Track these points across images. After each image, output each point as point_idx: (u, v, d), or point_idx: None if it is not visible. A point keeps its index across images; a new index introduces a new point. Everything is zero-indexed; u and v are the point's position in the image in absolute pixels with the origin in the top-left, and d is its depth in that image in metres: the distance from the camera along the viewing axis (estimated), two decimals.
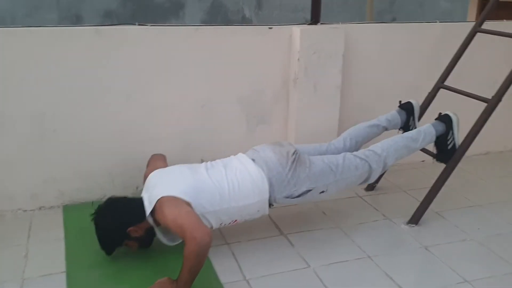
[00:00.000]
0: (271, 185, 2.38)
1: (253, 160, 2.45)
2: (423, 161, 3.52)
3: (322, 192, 2.49)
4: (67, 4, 7.95)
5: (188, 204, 2.22)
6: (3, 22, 7.01)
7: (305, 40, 3.02)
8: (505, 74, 2.75)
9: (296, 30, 3.04)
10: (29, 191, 2.85)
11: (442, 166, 2.79)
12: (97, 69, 2.78)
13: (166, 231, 2.36)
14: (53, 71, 2.71)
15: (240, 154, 2.53)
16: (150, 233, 2.34)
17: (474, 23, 3.09)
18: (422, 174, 3.46)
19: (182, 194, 2.24)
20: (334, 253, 2.51)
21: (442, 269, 2.41)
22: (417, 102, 2.94)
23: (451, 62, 3.05)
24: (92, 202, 2.38)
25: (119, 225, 2.28)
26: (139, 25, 2.87)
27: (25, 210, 2.86)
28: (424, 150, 2.89)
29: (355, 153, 2.60)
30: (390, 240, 2.68)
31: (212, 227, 2.33)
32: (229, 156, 2.57)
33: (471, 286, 2.27)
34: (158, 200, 2.22)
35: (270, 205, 2.45)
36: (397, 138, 2.71)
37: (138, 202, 2.32)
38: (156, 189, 2.30)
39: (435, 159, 2.83)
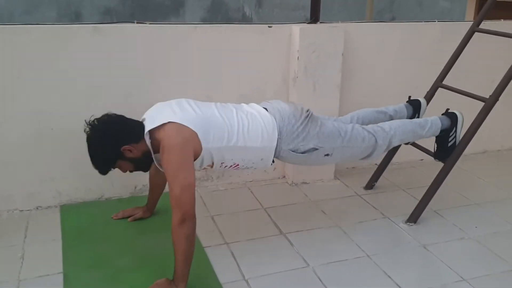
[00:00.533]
0: (280, 133, 2.34)
1: (266, 109, 2.42)
2: (421, 159, 3.52)
3: (327, 155, 2.45)
4: (66, 1, 7.94)
5: (195, 134, 2.16)
6: (0, 20, 6.99)
7: (305, 39, 3.02)
8: (503, 73, 2.75)
9: (296, 29, 3.04)
10: (26, 191, 2.84)
11: (440, 165, 2.80)
12: (95, 67, 2.78)
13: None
14: (51, 69, 2.71)
15: (252, 103, 2.49)
16: (147, 157, 2.25)
17: (472, 22, 3.09)
18: (421, 173, 3.46)
19: (191, 123, 2.16)
20: (333, 252, 2.51)
21: (440, 267, 2.41)
22: (425, 102, 2.95)
23: (449, 61, 3.05)
24: (86, 120, 2.25)
25: (113, 141, 2.19)
26: (137, 23, 2.86)
27: (22, 210, 2.85)
28: (422, 149, 2.90)
29: (363, 126, 2.59)
30: (389, 238, 2.68)
31: (212, 165, 2.28)
32: None
33: (469, 284, 2.27)
34: (165, 124, 2.15)
35: (272, 161, 2.41)
36: (406, 121, 2.73)
37: (136, 122, 2.25)
38: (164, 112, 2.21)
39: (433, 158, 2.83)
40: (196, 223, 2.09)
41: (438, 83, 3.05)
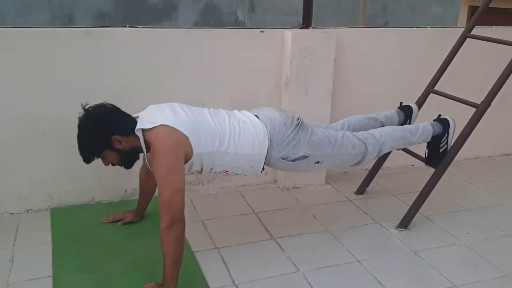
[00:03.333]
0: (271, 141, 2.35)
1: (257, 116, 2.43)
2: (413, 165, 3.53)
3: (317, 162, 2.46)
4: (59, 4, 7.93)
5: (186, 138, 2.15)
6: None
7: (297, 44, 3.02)
8: (495, 79, 2.76)
9: (288, 34, 3.04)
10: (17, 194, 2.83)
11: (431, 170, 2.80)
12: (87, 71, 2.77)
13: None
14: (43, 72, 2.69)
15: (244, 110, 2.49)
16: (134, 152, 2.26)
17: (464, 28, 3.11)
18: (412, 178, 3.47)
19: (182, 127, 2.16)
20: (323, 257, 2.51)
21: (431, 273, 2.41)
22: (417, 108, 2.96)
23: (441, 67, 3.07)
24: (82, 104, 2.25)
25: (104, 128, 2.19)
26: (129, 27, 2.86)
27: (12, 213, 2.83)
28: (414, 154, 2.90)
29: (354, 133, 2.60)
30: (380, 244, 2.68)
31: (202, 170, 2.28)
32: None
33: None
34: (157, 126, 2.15)
35: (263, 168, 2.41)
36: (397, 127, 2.73)
37: (130, 116, 2.27)
38: (156, 115, 2.22)
39: (425, 163, 2.84)
40: (185, 227, 2.09)
41: (430, 89, 3.06)
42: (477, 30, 3.11)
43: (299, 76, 3.08)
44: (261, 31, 3.06)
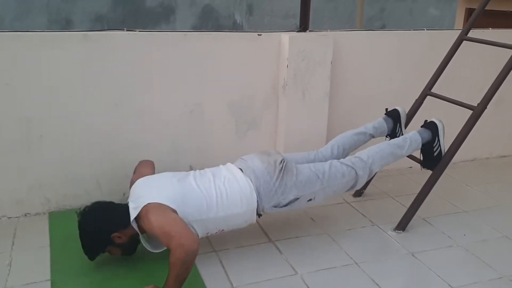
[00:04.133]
0: (259, 194, 2.39)
1: (241, 169, 2.45)
2: (410, 167, 3.53)
3: (310, 200, 2.50)
4: (57, 8, 7.92)
5: (174, 211, 2.21)
6: None
7: (294, 47, 3.03)
8: (491, 81, 2.77)
9: (285, 37, 3.05)
10: (14, 198, 2.82)
11: (429, 172, 2.81)
12: (85, 74, 2.77)
13: (151, 238, 2.36)
14: (40, 76, 2.70)
15: (228, 164, 2.54)
16: (134, 240, 2.33)
17: (461, 31, 3.12)
18: (410, 181, 3.47)
19: (168, 201, 2.23)
20: (321, 260, 2.51)
21: (429, 275, 2.42)
22: (403, 110, 2.96)
23: (438, 69, 3.08)
24: (77, 211, 2.35)
25: (103, 230, 2.26)
26: (127, 30, 2.86)
27: (10, 217, 2.83)
28: (410, 157, 2.91)
29: (341, 160, 2.61)
30: (377, 246, 2.68)
31: (198, 236, 2.31)
32: (217, 163, 2.58)
33: None
34: (144, 206, 2.21)
35: (259, 215, 2.45)
36: (383, 145, 2.73)
37: (123, 208, 2.31)
38: (142, 195, 2.29)
39: (421, 166, 2.84)
40: (197, 254, 2.08)
41: (427, 91, 3.07)
42: (473, 33, 3.12)
43: (297, 79, 3.09)
44: (258, 34, 3.07)
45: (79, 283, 2.29)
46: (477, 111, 2.76)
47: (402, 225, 2.80)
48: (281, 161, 2.46)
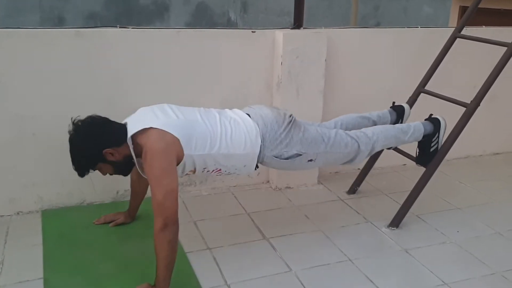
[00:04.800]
0: (263, 140, 2.34)
1: (249, 115, 2.42)
2: (404, 164, 3.55)
3: (310, 160, 2.46)
4: (49, 5, 7.88)
5: (177, 140, 2.14)
6: None
7: (288, 45, 3.03)
8: (484, 79, 2.78)
9: (279, 34, 3.05)
10: (7, 196, 2.81)
11: (422, 169, 2.82)
12: (77, 72, 2.76)
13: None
14: (33, 73, 2.68)
15: (235, 109, 2.48)
16: (127, 161, 2.23)
17: (454, 28, 3.13)
18: (403, 178, 3.49)
19: (173, 129, 2.15)
20: (315, 257, 2.51)
21: (422, 272, 2.43)
22: (409, 108, 2.97)
23: (431, 67, 3.09)
24: (70, 125, 2.23)
25: (95, 144, 2.17)
26: (120, 27, 2.85)
27: (2, 215, 2.81)
28: (404, 153, 2.92)
29: (347, 131, 2.61)
30: (371, 243, 2.69)
31: (195, 170, 2.28)
32: None
33: None
34: (148, 129, 2.13)
35: (256, 166, 2.41)
36: (389, 126, 2.75)
37: (120, 126, 2.23)
38: (145, 118, 2.21)
39: (415, 162, 2.85)
40: (178, 229, 2.08)
41: (421, 89, 3.08)
42: (467, 30, 3.13)
43: (291, 76, 3.09)
44: (252, 32, 3.07)
45: (72, 281, 2.28)
46: (471, 108, 2.77)
47: (395, 222, 2.81)
48: (291, 115, 2.45)
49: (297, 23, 3.18)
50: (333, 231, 2.77)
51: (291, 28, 3.17)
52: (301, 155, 2.42)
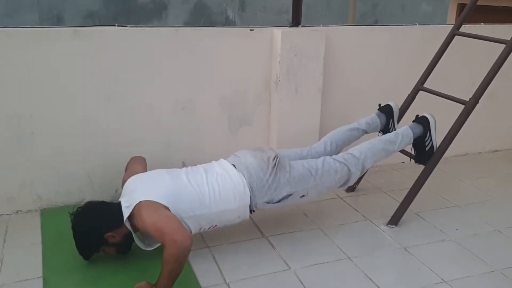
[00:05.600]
0: (252, 190, 2.38)
1: (234, 165, 2.45)
2: (403, 162, 3.54)
3: (303, 196, 2.50)
4: (48, 4, 7.87)
5: (167, 208, 2.21)
6: None
7: (286, 43, 3.02)
8: (483, 76, 2.79)
9: (277, 33, 3.04)
10: (6, 195, 2.80)
11: (421, 167, 2.82)
12: (76, 71, 2.75)
13: (145, 236, 2.35)
14: (31, 72, 2.67)
15: (221, 160, 2.53)
16: (128, 239, 2.32)
17: (452, 26, 3.13)
18: (402, 175, 3.49)
19: (161, 198, 2.22)
20: (314, 255, 2.51)
21: (421, 269, 2.43)
22: (396, 105, 2.96)
23: (430, 64, 3.09)
24: (70, 211, 2.34)
25: (96, 230, 2.26)
26: (118, 26, 2.85)
27: (1, 215, 2.81)
28: (403, 151, 2.92)
29: (334, 156, 2.62)
30: (370, 241, 2.69)
31: (191, 232, 2.31)
32: (210, 159, 2.58)
33: (449, 286, 2.29)
34: (137, 204, 2.20)
35: (251, 211, 2.45)
36: (375, 141, 2.73)
37: (116, 207, 2.30)
38: (134, 194, 2.28)
39: (413, 161, 2.85)
40: (189, 251, 2.07)
41: (419, 86, 3.08)
42: (465, 28, 3.13)
43: (289, 74, 3.09)
44: (250, 30, 3.07)
45: (71, 280, 2.28)
46: (469, 106, 2.77)
47: (394, 220, 2.81)
48: (275, 158, 2.46)
49: (295, 21, 3.18)
50: (332, 229, 2.77)
51: (289, 26, 3.17)
52: (292, 194, 2.46)
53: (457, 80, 3.45)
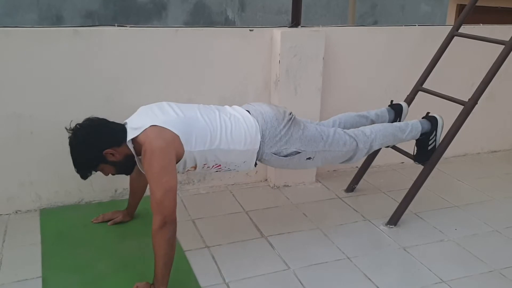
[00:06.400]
0: (263, 137, 2.34)
1: (248, 111, 2.42)
2: (402, 162, 3.56)
3: (309, 158, 2.47)
4: (47, 4, 7.86)
5: (177, 137, 2.14)
6: None
7: (286, 43, 3.03)
8: (482, 77, 2.79)
9: (277, 33, 3.05)
10: (5, 195, 2.81)
11: (420, 168, 2.82)
12: (75, 70, 2.75)
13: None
14: (31, 72, 2.68)
15: (235, 106, 2.49)
16: (129, 160, 2.25)
17: (451, 26, 3.13)
18: (401, 176, 3.49)
19: (173, 127, 2.15)
20: (313, 255, 2.52)
21: (420, 269, 2.43)
22: (407, 106, 2.98)
23: (429, 65, 3.09)
24: (67, 127, 2.24)
25: (94, 146, 2.18)
26: (118, 26, 2.85)
27: (1, 214, 2.81)
28: (402, 152, 2.92)
29: (345, 130, 2.61)
30: (369, 241, 2.69)
31: (195, 166, 2.28)
32: None
33: (448, 286, 2.30)
34: (147, 128, 2.13)
35: (256, 163, 2.42)
36: (387, 125, 2.75)
37: (119, 126, 2.24)
38: (145, 117, 2.21)
39: (413, 161, 2.86)
40: (176, 227, 2.08)
41: (418, 87, 3.08)
42: (464, 29, 3.14)
43: (289, 74, 3.09)
44: (250, 30, 3.07)
45: (70, 280, 2.28)
46: (468, 106, 2.78)
47: (393, 220, 2.81)
48: (290, 113, 2.46)
49: (295, 22, 3.18)
50: (331, 229, 2.77)
51: (289, 27, 3.17)
52: (300, 152, 2.42)
53: (456, 81, 3.46)
